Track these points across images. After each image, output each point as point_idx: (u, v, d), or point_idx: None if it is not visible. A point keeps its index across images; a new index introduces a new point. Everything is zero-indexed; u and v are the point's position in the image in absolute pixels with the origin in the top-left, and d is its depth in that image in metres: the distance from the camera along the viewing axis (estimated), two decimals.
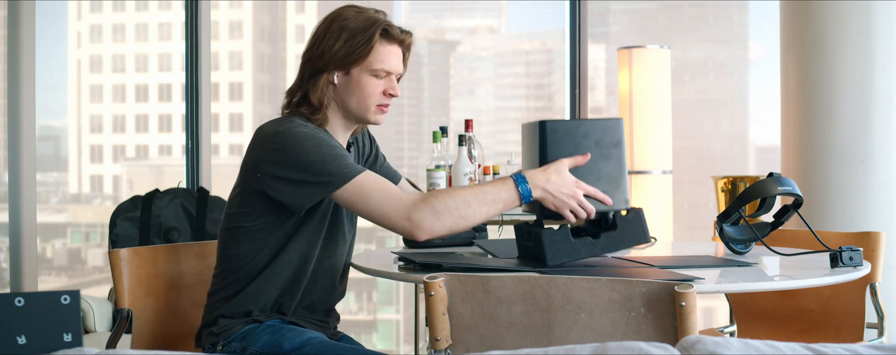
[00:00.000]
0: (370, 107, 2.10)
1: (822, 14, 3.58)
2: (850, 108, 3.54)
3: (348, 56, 2.06)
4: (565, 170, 1.97)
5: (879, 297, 2.56)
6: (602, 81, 5.05)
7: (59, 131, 5.16)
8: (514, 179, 1.96)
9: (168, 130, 5.57)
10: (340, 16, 2.09)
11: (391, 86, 2.11)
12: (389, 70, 2.10)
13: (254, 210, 2.06)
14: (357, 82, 2.08)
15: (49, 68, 4.27)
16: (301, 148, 1.98)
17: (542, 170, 1.97)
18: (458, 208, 1.93)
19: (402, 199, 1.95)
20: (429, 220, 1.93)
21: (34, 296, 1.44)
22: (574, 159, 1.98)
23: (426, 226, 1.93)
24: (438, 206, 1.93)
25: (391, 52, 2.10)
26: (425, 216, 1.92)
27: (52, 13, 4.51)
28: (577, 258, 2.00)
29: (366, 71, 2.08)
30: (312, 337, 2.06)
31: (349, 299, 5.75)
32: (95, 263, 5.22)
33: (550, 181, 1.95)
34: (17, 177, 3.73)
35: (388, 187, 1.97)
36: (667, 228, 4.31)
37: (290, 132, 2.00)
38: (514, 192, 1.95)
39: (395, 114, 5.52)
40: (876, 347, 1.22)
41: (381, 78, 2.10)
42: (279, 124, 2.04)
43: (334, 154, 1.98)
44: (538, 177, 1.95)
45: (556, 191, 1.95)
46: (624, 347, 1.18)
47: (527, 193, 1.95)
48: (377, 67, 2.08)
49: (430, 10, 5.92)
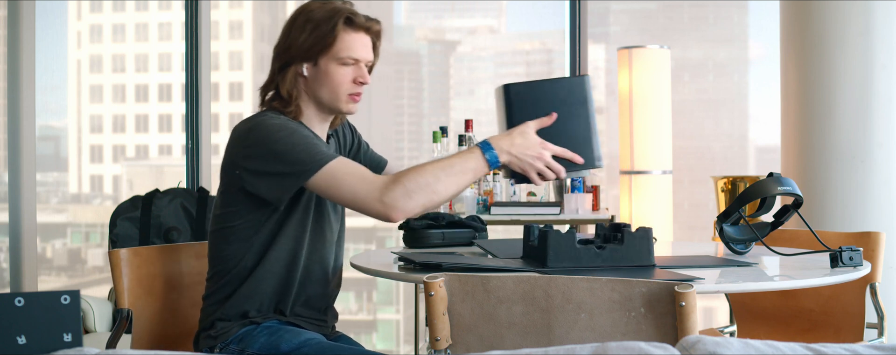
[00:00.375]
0: (341, 97, 2.10)
1: (822, 14, 3.58)
2: (850, 108, 3.54)
3: (314, 47, 2.07)
4: (531, 132, 1.98)
5: (879, 297, 2.56)
6: (602, 81, 5.05)
7: (59, 131, 5.16)
8: (480, 147, 1.97)
9: (168, 130, 5.57)
10: (306, 9, 2.10)
11: (360, 74, 2.10)
12: (356, 57, 2.09)
13: (237, 209, 2.07)
14: (325, 72, 2.08)
15: (49, 68, 4.27)
16: (271, 139, 1.99)
17: (506, 135, 1.97)
18: (428, 184, 1.93)
19: (375, 182, 1.94)
20: (402, 200, 1.93)
21: (34, 296, 1.44)
22: (539, 121, 1.99)
23: (400, 205, 1.93)
24: (410, 185, 1.93)
25: (357, 40, 2.09)
26: (398, 197, 1.92)
27: (52, 13, 4.51)
28: (577, 264, 2.00)
29: (333, 60, 2.08)
30: (310, 338, 2.06)
31: (349, 299, 5.75)
32: (95, 263, 5.22)
33: (515, 144, 1.96)
34: (17, 177, 3.73)
35: (361, 171, 1.97)
36: (667, 228, 4.31)
37: (260, 125, 2.02)
38: (481, 160, 1.96)
39: (394, 114, 5.52)
40: (876, 347, 1.22)
41: (350, 66, 2.09)
42: (251, 120, 2.05)
43: (305, 143, 1.98)
44: (503, 141, 1.96)
45: (521, 154, 1.96)
46: (624, 347, 1.18)
47: (494, 159, 1.96)
48: (343, 55, 2.07)
49: (430, 10, 5.92)
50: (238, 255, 2.09)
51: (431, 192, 1.94)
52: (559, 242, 1.99)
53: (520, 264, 2.04)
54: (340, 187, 1.96)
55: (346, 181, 1.95)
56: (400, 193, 1.93)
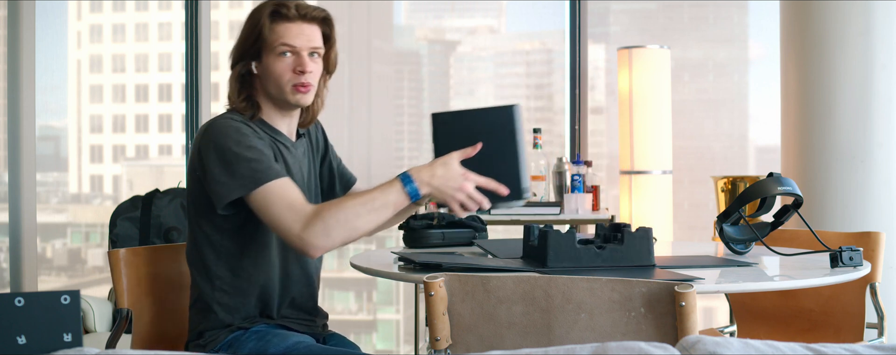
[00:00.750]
0: (285, 88, 2.08)
1: (822, 14, 3.58)
2: (850, 108, 3.54)
3: (251, 45, 2.07)
4: (454, 162, 1.96)
5: (879, 297, 2.56)
6: (602, 81, 5.05)
7: (59, 131, 5.16)
8: (401, 179, 1.95)
9: (168, 130, 5.57)
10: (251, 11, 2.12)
11: (299, 62, 2.07)
12: (290, 44, 2.06)
13: (206, 212, 2.06)
14: (266, 67, 2.08)
15: (49, 68, 4.27)
16: (221, 146, 1.99)
17: (428, 166, 1.96)
18: (348, 221, 1.92)
19: (300, 213, 1.92)
20: (321, 238, 1.91)
21: (34, 296, 1.44)
22: (463, 151, 1.97)
23: (318, 244, 1.92)
24: (329, 221, 1.91)
25: (289, 30, 2.07)
26: (317, 234, 1.91)
27: (52, 13, 4.50)
28: (577, 264, 2.00)
29: (270, 53, 2.07)
30: (299, 341, 2.06)
31: (349, 299, 5.74)
32: (95, 263, 5.22)
33: (436, 176, 1.94)
34: (17, 177, 3.73)
35: (291, 198, 1.94)
36: (667, 228, 4.31)
37: (213, 129, 2.02)
38: (401, 193, 1.94)
39: (394, 114, 5.52)
40: (876, 347, 1.22)
41: (287, 57, 2.07)
42: (210, 122, 2.06)
43: (248, 157, 1.97)
44: (423, 173, 1.95)
45: (443, 186, 1.94)
46: (624, 347, 1.18)
47: (414, 192, 1.94)
48: (276, 46, 2.06)
49: (430, 10, 5.92)
50: (214, 262, 2.09)
51: (351, 229, 1.93)
52: (559, 242, 1.99)
53: (520, 264, 2.04)
54: (269, 210, 1.95)
55: (275, 206, 1.94)
56: (319, 230, 1.91)
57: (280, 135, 2.14)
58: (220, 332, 2.08)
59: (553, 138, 4.98)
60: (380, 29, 5.74)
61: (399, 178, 1.95)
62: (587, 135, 4.70)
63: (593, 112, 4.82)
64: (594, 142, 4.82)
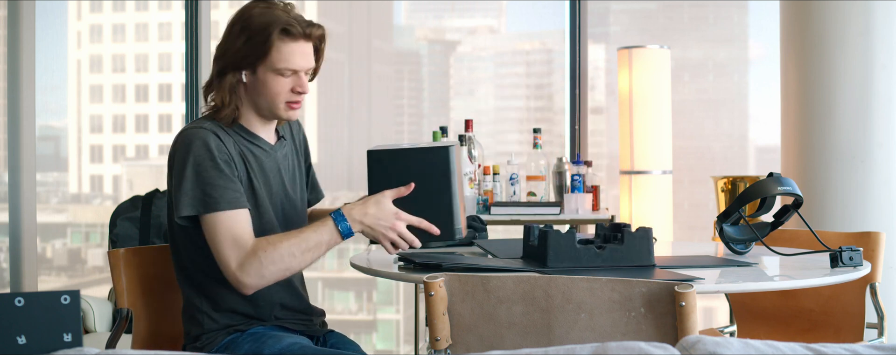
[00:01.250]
0: (278, 105, 2.08)
1: (822, 14, 3.58)
2: (850, 108, 3.54)
3: (248, 56, 2.05)
4: (386, 201, 1.98)
5: (879, 297, 2.56)
6: (602, 81, 5.05)
7: (59, 131, 5.16)
8: (333, 218, 1.97)
9: (168, 130, 5.57)
10: (245, 14, 2.08)
11: (299, 82, 2.07)
12: (294, 68, 2.06)
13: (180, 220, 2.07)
14: (263, 82, 2.07)
15: (49, 68, 4.27)
16: (194, 161, 2.00)
17: (361, 204, 1.98)
18: (283, 260, 1.95)
19: (240, 250, 1.96)
20: (254, 279, 1.96)
21: (34, 296, 1.44)
22: (397, 190, 1.98)
23: (251, 283, 1.97)
24: (265, 261, 1.95)
25: (295, 50, 2.06)
26: (252, 273, 1.95)
27: (52, 13, 4.50)
28: (577, 264, 2.00)
29: (270, 70, 2.06)
30: (293, 342, 2.06)
31: (349, 299, 5.74)
32: (95, 263, 5.22)
33: (368, 214, 1.96)
34: (17, 177, 3.73)
35: (236, 232, 1.97)
36: (667, 228, 4.31)
37: (192, 142, 2.02)
38: (334, 232, 1.97)
39: (394, 115, 5.52)
40: (876, 347, 1.22)
41: (288, 76, 2.07)
42: (191, 133, 2.05)
43: (215, 181, 1.99)
44: (356, 211, 1.97)
45: (375, 224, 1.96)
46: (624, 347, 1.18)
47: (347, 230, 1.97)
48: (280, 67, 2.05)
49: (430, 10, 5.92)
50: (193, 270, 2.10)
51: (285, 269, 1.97)
52: (559, 242, 1.99)
53: (520, 264, 2.04)
54: (213, 240, 1.98)
55: (220, 237, 1.97)
56: (254, 269, 1.95)
57: (258, 139, 2.13)
58: (217, 334, 2.08)
59: (553, 138, 4.98)
60: (380, 29, 5.74)
61: (332, 217, 1.97)
62: (587, 135, 4.70)
63: (593, 112, 4.82)
64: (594, 142, 4.82)
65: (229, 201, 1.98)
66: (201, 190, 1.99)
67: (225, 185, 1.99)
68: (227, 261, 1.96)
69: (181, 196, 2.00)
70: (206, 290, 2.09)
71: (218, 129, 2.07)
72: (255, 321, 2.11)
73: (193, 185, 1.99)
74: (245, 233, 1.98)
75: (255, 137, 2.12)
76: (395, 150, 2.01)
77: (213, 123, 2.08)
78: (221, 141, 2.04)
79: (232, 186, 2.00)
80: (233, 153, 2.05)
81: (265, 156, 2.13)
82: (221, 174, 2.00)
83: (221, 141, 2.04)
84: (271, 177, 2.13)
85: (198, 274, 2.09)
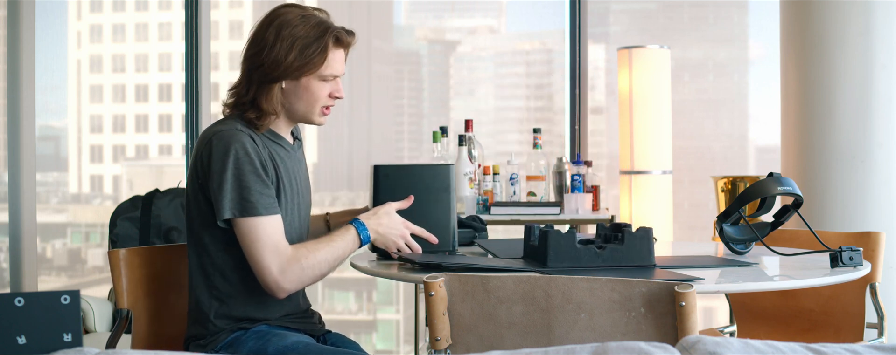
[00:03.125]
0: (316, 111, 2.13)
1: (822, 14, 3.58)
2: (850, 108, 3.54)
3: (303, 66, 2.07)
4: (393, 212, 2.14)
5: (879, 297, 2.56)
6: (602, 81, 5.05)
7: (59, 131, 5.16)
8: (356, 228, 2.09)
9: (168, 130, 5.57)
10: (286, 21, 2.07)
11: (336, 88, 2.14)
12: (337, 74, 2.13)
13: (205, 223, 2.08)
14: (306, 88, 2.10)
15: (49, 68, 4.27)
16: (235, 163, 2.02)
17: (373, 214, 2.13)
18: (320, 267, 2.05)
19: (281, 256, 2.02)
20: (294, 284, 2.04)
21: (34, 296, 1.44)
22: (400, 203, 2.16)
23: (290, 288, 2.03)
24: (306, 267, 2.03)
25: (339, 57, 2.13)
26: (292, 280, 2.03)
27: (52, 13, 4.50)
28: (577, 264, 2.00)
29: (316, 77, 2.09)
30: (297, 341, 2.07)
31: (349, 299, 5.74)
32: (95, 263, 5.22)
33: (382, 224, 2.12)
34: (17, 177, 3.73)
35: (276, 239, 2.02)
36: (667, 228, 4.31)
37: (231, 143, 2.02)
38: (357, 240, 2.10)
39: (394, 114, 5.52)
40: (876, 347, 1.22)
41: (329, 82, 2.12)
42: (227, 134, 2.04)
43: (255, 186, 2.01)
44: (371, 221, 2.11)
45: (388, 233, 2.12)
46: (624, 347, 1.18)
47: (366, 239, 2.12)
48: (327, 73, 2.10)
49: (430, 10, 5.91)
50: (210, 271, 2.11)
51: (318, 276, 2.05)
52: (559, 242, 1.99)
53: (520, 264, 2.04)
54: (253, 245, 2.02)
55: (260, 243, 2.02)
56: (295, 276, 2.02)
57: (282, 140, 2.16)
58: (220, 335, 2.09)
59: (553, 138, 4.98)
60: (380, 29, 5.74)
61: (354, 226, 2.10)
62: (587, 135, 4.70)
63: (593, 112, 4.82)
64: (594, 142, 4.82)
65: (266, 206, 2.02)
66: (240, 194, 2.01)
67: (262, 191, 2.03)
68: (268, 266, 2.01)
69: (222, 198, 2.01)
70: (221, 294, 2.10)
71: (252, 132, 2.08)
72: (260, 322, 2.12)
73: (232, 188, 2.01)
74: (282, 239, 2.04)
75: (280, 139, 2.16)
76: (401, 167, 2.23)
77: (244, 125, 2.09)
78: (256, 144, 2.07)
79: (268, 191, 2.04)
80: (265, 158, 2.07)
81: (289, 157, 2.16)
82: (259, 179, 2.03)
83: (256, 144, 2.07)
84: (294, 178, 2.16)
85: (217, 276, 2.10)
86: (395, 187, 2.20)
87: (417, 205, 2.18)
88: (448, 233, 2.21)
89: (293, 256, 2.01)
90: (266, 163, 2.06)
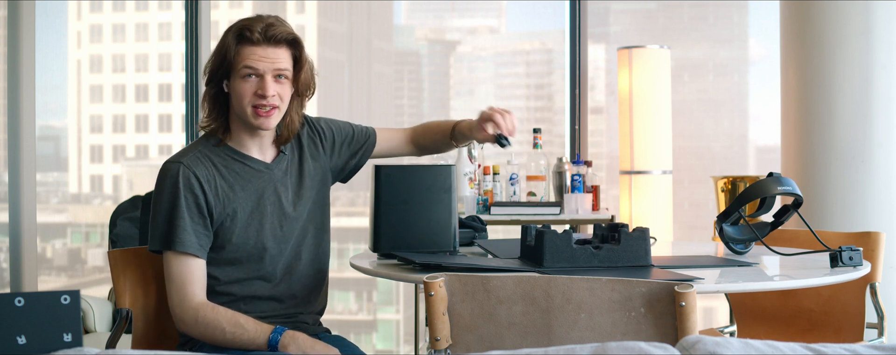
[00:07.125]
0: (246, 111, 2.10)
1: (822, 14, 3.58)
2: (850, 108, 3.54)
3: (218, 66, 2.10)
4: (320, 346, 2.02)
5: (879, 297, 2.56)
6: (602, 81, 5.05)
7: (59, 131, 5.16)
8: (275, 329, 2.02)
9: (168, 130, 5.57)
10: None
11: (261, 86, 2.08)
12: (253, 66, 2.07)
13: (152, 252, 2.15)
14: (233, 89, 2.11)
15: (49, 68, 4.27)
16: (158, 196, 2.10)
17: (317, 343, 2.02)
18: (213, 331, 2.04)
19: (183, 298, 2.06)
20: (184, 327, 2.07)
21: (34, 296, 1.44)
22: None
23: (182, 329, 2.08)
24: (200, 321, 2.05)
25: (253, 52, 2.08)
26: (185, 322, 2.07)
27: (52, 13, 4.51)
28: (574, 264, 2.00)
29: (237, 77, 2.09)
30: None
31: (349, 299, 5.74)
32: (95, 263, 5.22)
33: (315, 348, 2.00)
34: (17, 177, 3.73)
35: (185, 279, 2.06)
36: (667, 228, 4.31)
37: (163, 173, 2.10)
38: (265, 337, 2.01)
39: (395, 115, 5.52)
40: (876, 347, 1.22)
41: (250, 80, 2.08)
42: (166, 161, 2.12)
43: (169, 221, 2.06)
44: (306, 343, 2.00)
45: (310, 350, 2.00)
46: (624, 347, 1.18)
47: (274, 341, 2.01)
48: (240, 68, 2.08)
49: (430, 10, 5.92)
50: None
51: (209, 337, 2.05)
52: (555, 242, 1.99)
53: (518, 264, 2.04)
54: (167, 277, 2.09)
55: (172, 279, 2.07)
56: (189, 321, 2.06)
57: (248, 159, 2.15)
58: None
59: (553, 138, 4.98)
60: (380, 29, 5.74)
61: (274, 328, 2.02)
62: (587, 135, 4.70)
63: (593, 112, 4.82)
64: (594, 142, 4.82)
65: (188, 245, 2.05)
66: (167, 228, 2.06)
67: (187, 228, 2.05)
68: (171, 300, 2.08)
69: (152, 229, 2.09)
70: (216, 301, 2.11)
71: (202, 159, 2.10)
72: None
73: (163, 221, 2.07)
74: (196, 282, 2.07)
75: (244, 157, 2.14)
76: (401, 167, 2.21)
77: (198, 152, 2.11)
78: (198, 178, 2.08)
79: (197, 230, 2.07)
80: (209, 190, 2.08)
81: (255, 175, 2.14)
82: (189, 216, 2.06)
83: (198, 178, 2.08)
84: (263, 196, 2.14)
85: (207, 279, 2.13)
86: (396, 188, 2.19)
87: (418, 205, 2.18)
88: (449, 233, 2.20)
89: (196, 306, 2.05)
90: (208, 195, 2.08)
